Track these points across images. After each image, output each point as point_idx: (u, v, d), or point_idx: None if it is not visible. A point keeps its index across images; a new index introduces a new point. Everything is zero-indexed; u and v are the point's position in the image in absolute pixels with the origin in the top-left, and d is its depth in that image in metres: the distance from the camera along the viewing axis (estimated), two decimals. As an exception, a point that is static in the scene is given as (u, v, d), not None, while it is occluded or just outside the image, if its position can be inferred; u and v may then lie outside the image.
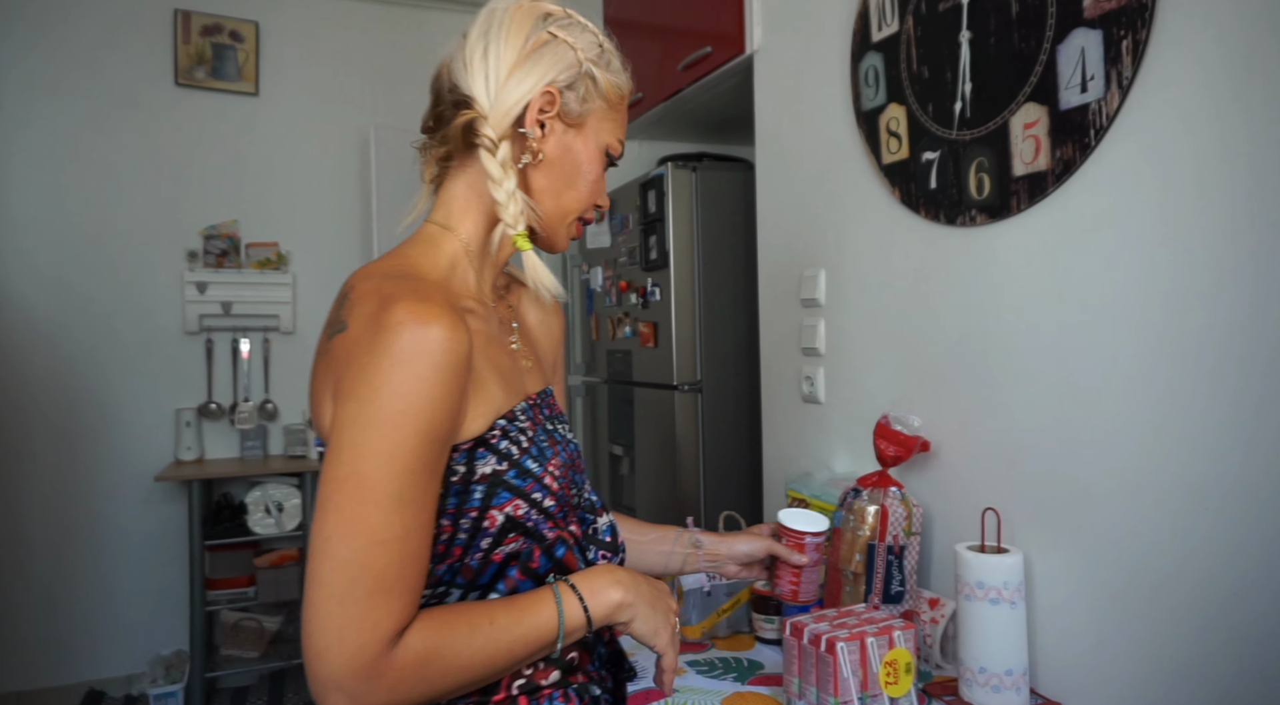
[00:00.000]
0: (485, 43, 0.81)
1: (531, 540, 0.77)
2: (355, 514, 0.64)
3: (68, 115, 3.08)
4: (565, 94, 0.81)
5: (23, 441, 3.05)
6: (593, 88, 0.83)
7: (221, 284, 3.24)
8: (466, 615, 0.70)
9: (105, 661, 3.13)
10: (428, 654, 0.66)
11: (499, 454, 0.75)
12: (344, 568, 0.63)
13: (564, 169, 0.83)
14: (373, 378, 0.65)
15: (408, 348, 0.66)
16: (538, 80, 0.79)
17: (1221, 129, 0.97)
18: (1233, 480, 0.96)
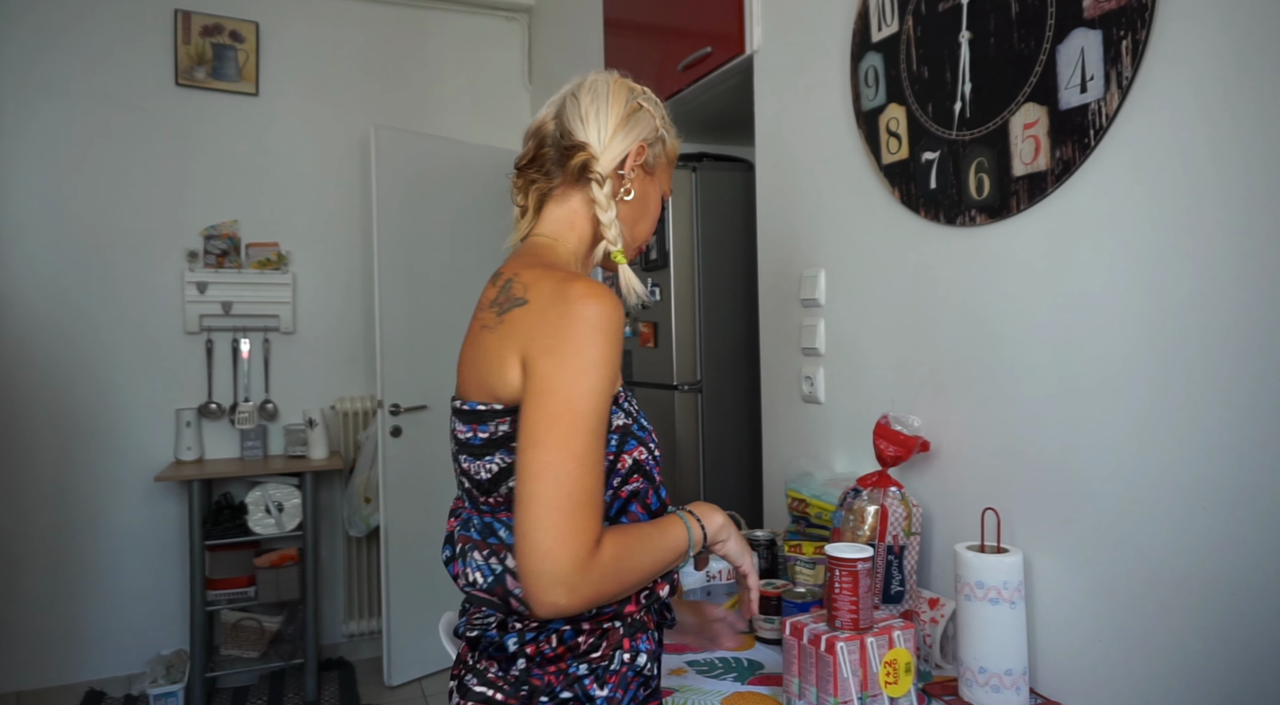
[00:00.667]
0: (595, 106, 1.01)
1: (648, 482, 0.94)
2: (570, 443, 0.80)
3: (68, 115, 3.08)
4: (648, 149, 1.04)
5: (23, 441, 3.05)
6: (663, 147, 1.07)
7: (222, 284, 3.24)
8: (637, 530, 0.89)
9: (105, 661, 3.13)
10: (618, 557, 0.84)
11: (624, 411, 0.94)
12: (561, 485, 0.79)
13: (641, 206, 1.06)
14: (572, 338, 0.83)
15: (595, 314, 0.84)
16: (636, 137, 1.02)
17: (1221, 128, 0.97)
18: (1232, 480, 0.96)
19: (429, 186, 3.25)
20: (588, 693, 0.90)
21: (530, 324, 0.85)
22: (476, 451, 0.90)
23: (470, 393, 0.91)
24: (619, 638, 0.93)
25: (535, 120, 1.07)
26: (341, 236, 3.45)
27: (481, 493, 0.91)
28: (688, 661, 1.33)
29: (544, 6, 3.56)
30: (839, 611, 1.10)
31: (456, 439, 0.94)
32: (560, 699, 0.90)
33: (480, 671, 0.94)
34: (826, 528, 1.51)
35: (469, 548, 0.93)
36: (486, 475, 0.90)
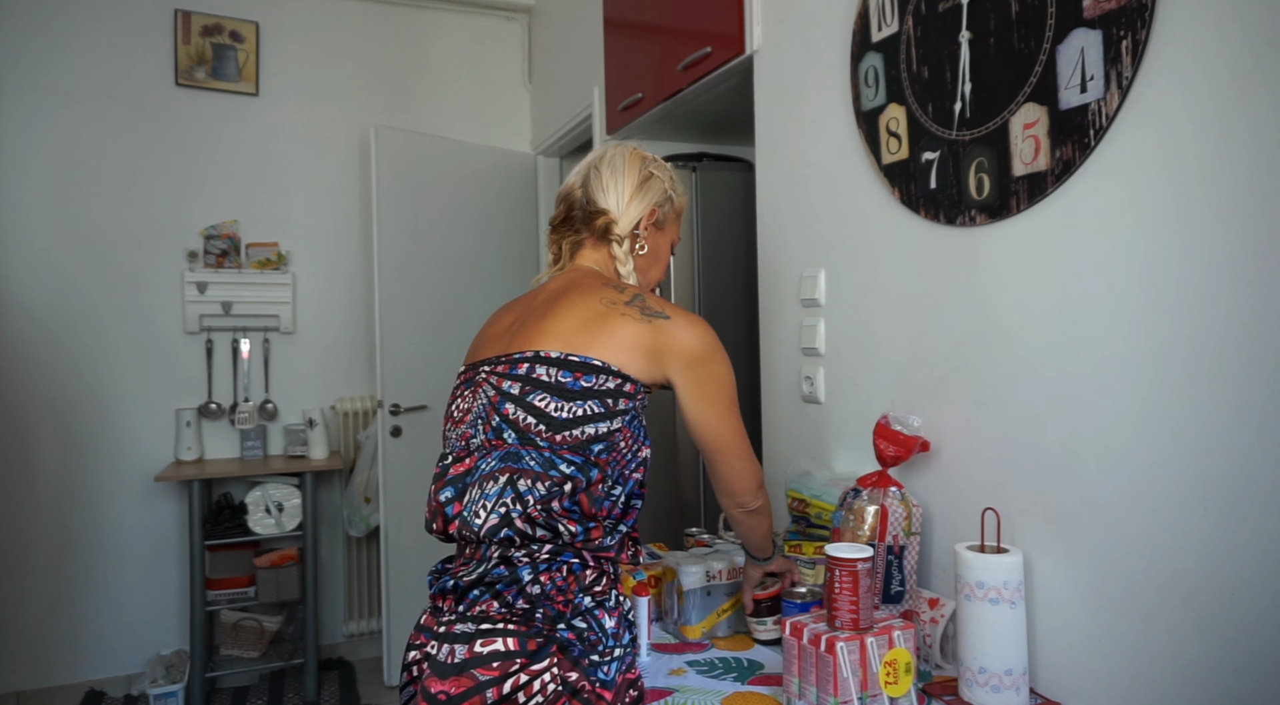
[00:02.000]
0: (615, 179, 1.26)
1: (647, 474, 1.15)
2: (738, 419, 1.18)
3: (68, 115, 3.08)
4: (659, 210, 1.28)
5: (23, 441, 3.05)
6: (671, 206, 1.31)
7: (221, 284, 3.24)
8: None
9: (105, 661, 3.13)
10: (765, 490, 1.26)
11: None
12: (744, 443, 1.20)
13: (653, 257, 1.30)
14: (719, 357, 1.16)
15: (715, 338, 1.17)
16: (649, 203, 1.27)
17: (1222, 129, 0.97)
18: (1233, 481, 0.96)
19: (429, 186, 3.25)
20: (599, 622, 1.03)
21: (681, 338, 1.12)
22: (568, 394, 1.05)
23: (579, 347, 1.08)
24: (614, 580, 1.07)
25: (564, 186, 1.30)
26: (341, 236, 3.45)
27: (552, 429, 1.04)
28: (688, 662, 1.33)
29: (544, 6, 3.56)
30: (839, 611, 1.10)
31: (533, 380, 1.07)
32: (575, 627, 1.02)
33: (477, 617, 1.02)
34: (826, 528, 1.51)
35: (514, 478, 1.03)
36: (568, 416, 1.04)
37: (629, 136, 2.85)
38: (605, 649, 1.03)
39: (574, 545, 1.04)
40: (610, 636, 1.04)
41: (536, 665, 0.97)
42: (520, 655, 0.97)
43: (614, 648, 1.04)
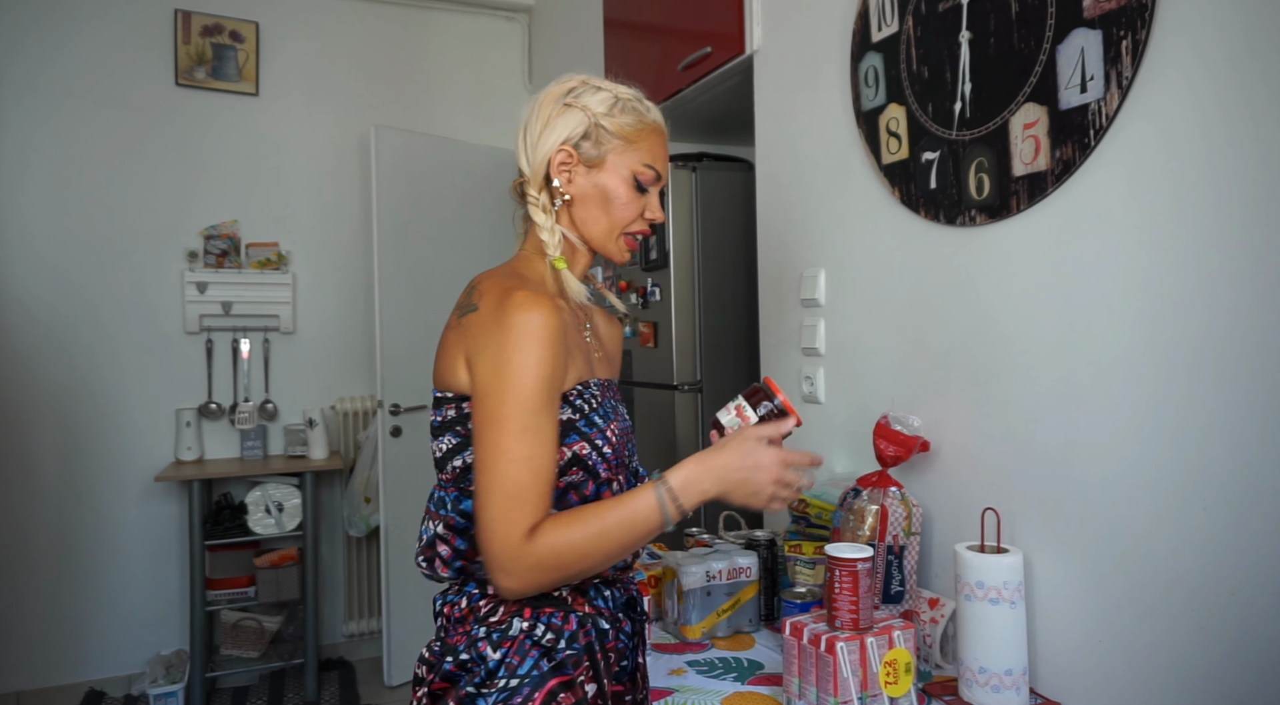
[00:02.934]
0: (525, 129, 1.08)
1: (588, 475, 0.99)
2: (500, 442, 0.90)
3: (68, 115, 3.08)
4: (581, 145, 1.06)
5: (24, 441, 3.05)
6: (605, 133, 1.06)
7: (221, 284, 3.24)
8: (581, 515, 0.93)
9: (105, 661, 3.13)
10: (559, 545, 0.91)
11: (574, 407, 1.00)
12: (493, 480, 0.90)
13: (597, 200, 1.07)
14: (504, 344, 0.92)
15: (525, 322, 0.92)
16: (554, 142, 1.05)
17: (1223, 128, 0.97)
18: (1233, 480, 0.96)
19: (429, 186, 3.25)
20: (481, 654, 0.96)
21: (477, 329, 0.96)
22: (436, 432, 1.02)
23: (437, 381, 1.03)
24: (520, 606, 0.99)
25: None
26: (341, 236, 3.45)
27: (437, 468, 1.03)
28: (688, 662, 1.33)
29: (544, 6, 3.55)
30: (839, 611, 1.10)
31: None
32: (460, 659, 0.97)
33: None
34: (826, 528, 1.51)
35: (426, 518, 1.04)
36: (439, 453, 1.01)
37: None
38: (484, 681, 0.94)
39: (475, 577, 1.00)
40: (491, 668, 0.95)
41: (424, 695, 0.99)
42: (422, 684, 1.00)
43: (499, 680, 0.94)
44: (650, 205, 1.09)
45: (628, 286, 2.57)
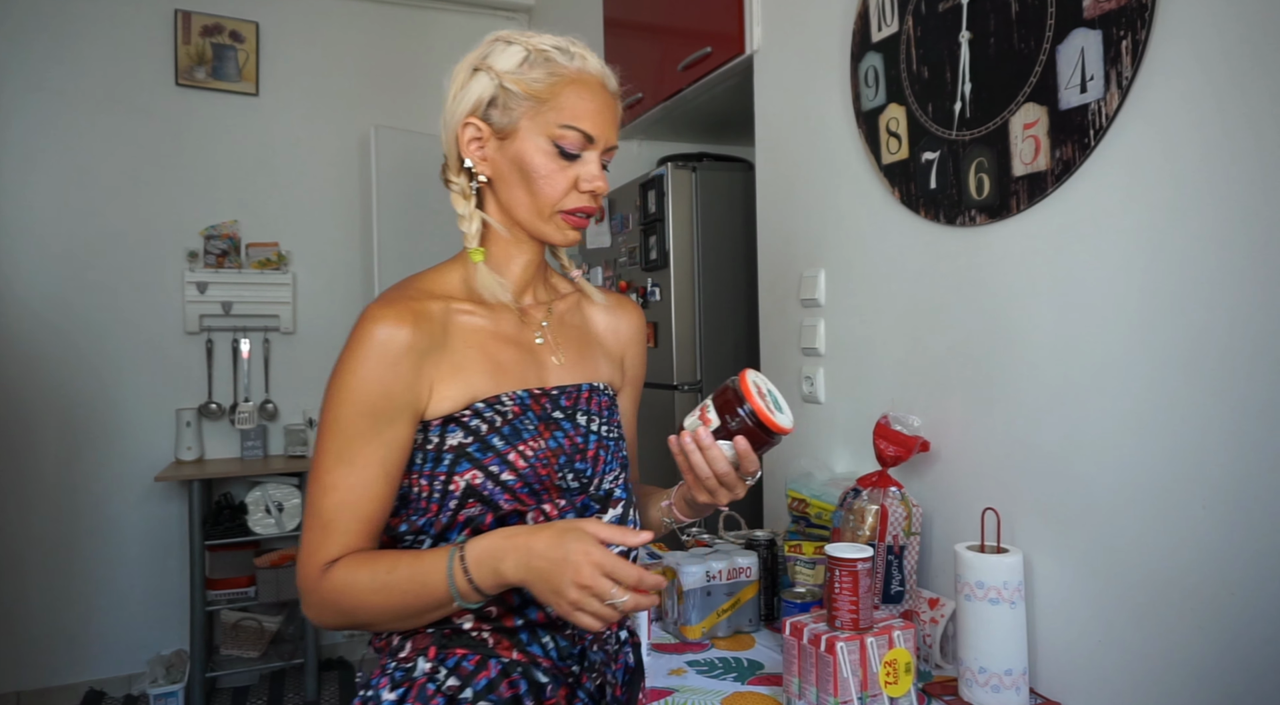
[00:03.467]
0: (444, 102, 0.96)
1: (486, 507, 0.88)
2: (316, 466, 0.86)
3: (68, 116, 3.08)
4: (489, 114, 0.92)
5: (24, 441, 3.05)
6: (513, 96, 0.91)
7: (222, 284, 3.24)
8: (375, 561, 0.84)
9: (105, 661, 3.13)
10: (343, 585, 0.83)
11: (467, 429, 0.89)
12: (309, 504, 0.86)
13: (518, 177, 0.92)
14: (336, 364, 0.87)
15: (356, 340, 0.86)
16: (459, 119, 0.93)
17: (1222, 129, 0.97)
18: (1232, 480, 0.96)
19: (429, 186, 3.24)
20: (377, 692, 0.88)
21: None
22: None
23: None
24: (426, 643, 0.89)
25: None
26: (341, 236, 3.45)
27: None
28: (688, 662, 1.33)
29: (544, 6, 3.56)
30: (839, 611, 1.10)
31: None
32: (365, 696, 0.90)
33: None
34: (826, 528, 1.51)
35: None
36: None
37: (629, 137, 2.85)
38: None
39: None
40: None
41: None
42: None
43: None
44: (584, 174, 0.92)
45: (628, 286, 2.57)
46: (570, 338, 1.02)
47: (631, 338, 1.11)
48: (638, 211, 2.51)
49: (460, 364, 0.90)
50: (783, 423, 0.90)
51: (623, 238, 2.62)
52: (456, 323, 0.92)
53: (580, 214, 0.93)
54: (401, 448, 0.87)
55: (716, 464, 0.90)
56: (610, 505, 0.97)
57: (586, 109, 0.91)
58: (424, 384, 0.87)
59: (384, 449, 0.86)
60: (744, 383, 0.90)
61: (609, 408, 1.01)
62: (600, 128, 0.92)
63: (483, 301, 0.94)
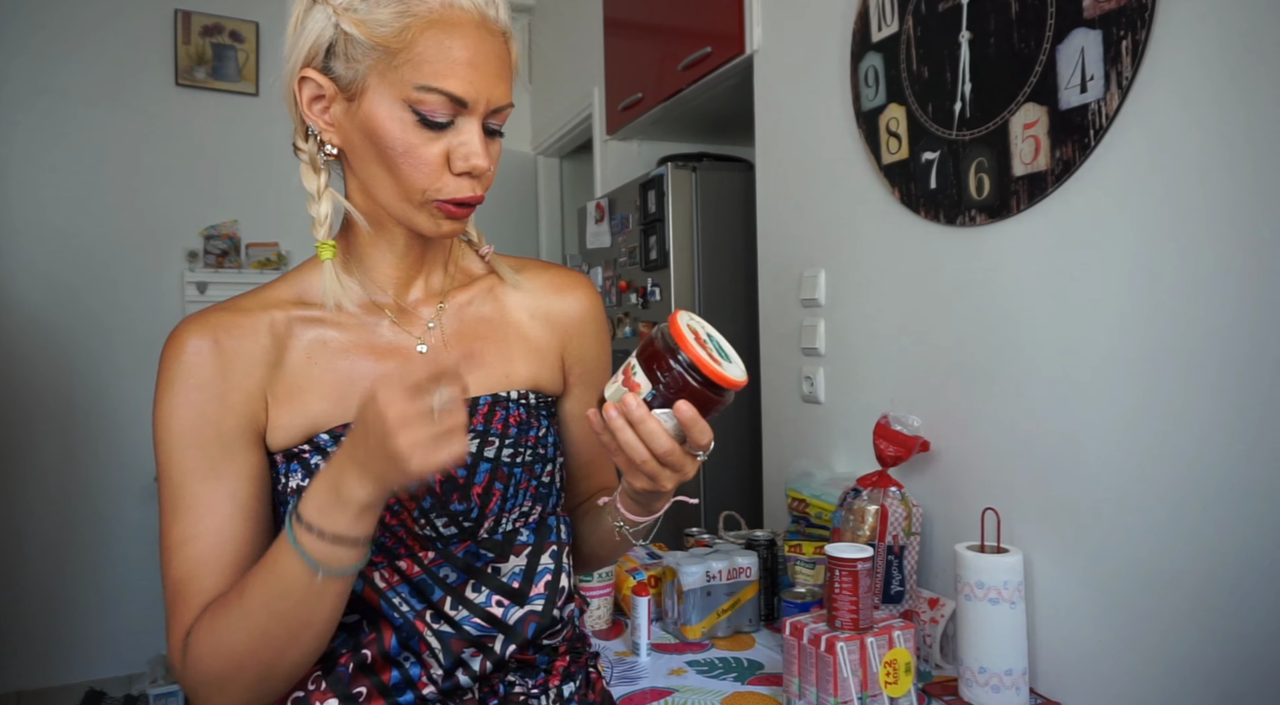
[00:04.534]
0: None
1: None
2: (161, 526, 0.71)
3: (68, 115, 3.08)
4: (330, 66, 0.69)
5: (23, 441, 3.05)
6: (356, 43, 0.67)
7: (222, 284, 3.24)
8: (225, 597, 0.66)
9: (105, 661, 3.13)
10: (205, 645, 0.66)
11: (307, 469, 0.72)
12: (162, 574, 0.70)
13: (372, 152, 0.70)
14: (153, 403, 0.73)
15: (161, 366, 0.75)
16: (293, 69, 0.70)
17: (1222, 129, 0.97)
18: (1233, 480, 0.96)
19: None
20: None
21: None
22: None
23: None
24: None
25: None
26: (341, 236, 3.45)
27: None
28: (688, 662, 1.33)
29: (544, 6, 3.55)
30: (839, 611, 1.10)
31: None
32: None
33: None
34: (826, 528, 1.51)
35: None
36: None
37: (629, 136, 2.85)
38: None
39: None
40: None
41: None
42: None
43: None
44: (458, 148, 0.70)
45: (628, 287, 2.57)
46: (473, 336, 0.81)
47: (575, 322, 0.87)
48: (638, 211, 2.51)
49: (299, 386, 0.73)
50: (733, 375, 0.66)
51: (622, 238, 2.63)
52: (299, 336, 0.74)
53: (456, 204, 0.71)
54: (254, 478, 0.71)
55: (655, 440, 0.65)
56: (512, 552, 0.78)
57: (454, 62, 0.67)
58: (257, 404, 0.72)
59: (231, 482, 0.70)
60: (675, 329, 0.67)
61: (523, 422, 0.79)
62: (476, 85, 0.69)
63: (337, 307, 0.75)
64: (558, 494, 0.84)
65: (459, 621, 0.75)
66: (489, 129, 0.73)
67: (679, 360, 0.66)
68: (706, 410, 0.67)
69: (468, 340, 0.80)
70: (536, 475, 0.80)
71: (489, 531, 0.77)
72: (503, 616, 0.77)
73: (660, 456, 0.66)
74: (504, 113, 0.74)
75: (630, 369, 0.68)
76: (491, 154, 0.73)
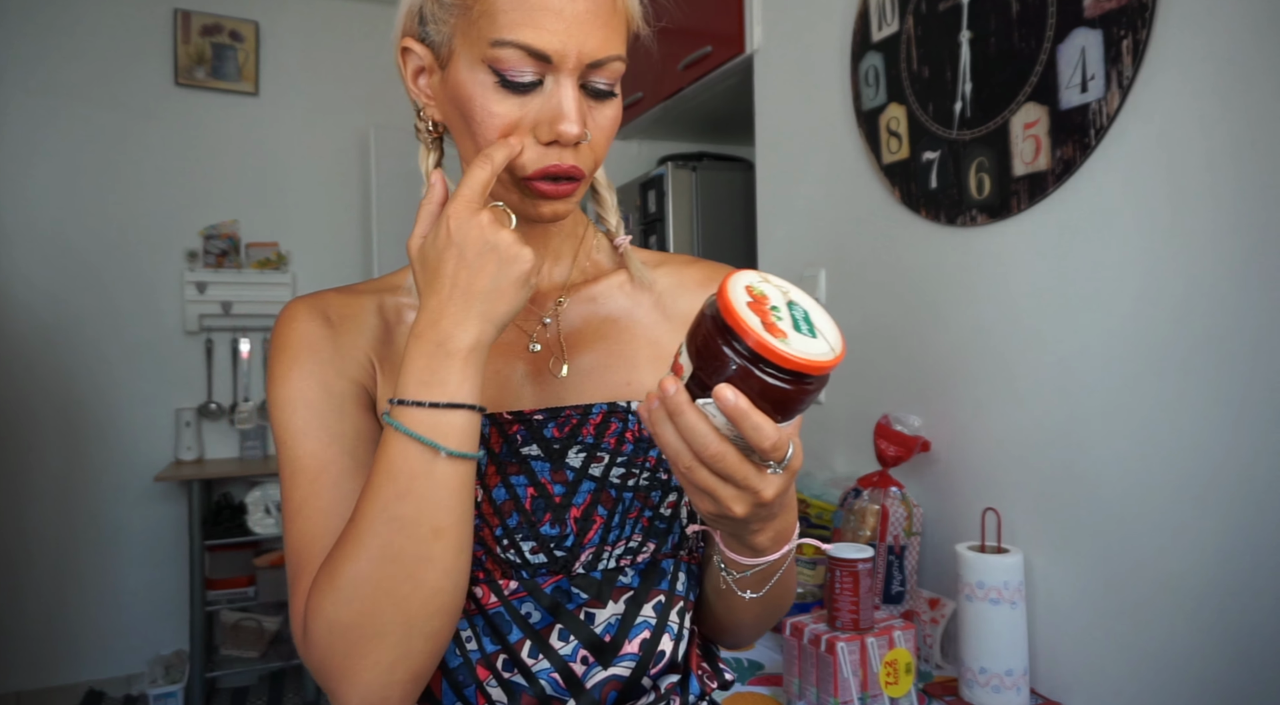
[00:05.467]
0: None
1: None
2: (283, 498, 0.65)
3: (67, 115, 3.08)
4: (425, 32, 0.64)
5: (23, 441, 3.04)
6: (438, 6, 0.62)
7: (221, 284, 3.24)
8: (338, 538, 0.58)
9: (105, 661, 3.13)
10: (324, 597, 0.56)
11: None
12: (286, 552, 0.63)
13: (461, 122, 0.63)
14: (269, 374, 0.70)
15: (271, 345, 0.71)
16: (395, 41, 0.67)
17: (1222, 128, 0.97)
18: (1233, 480, 0.96)
19: (429, 186, 3.25)
20: None
21: None
22: None
23: None
24: None
25: None
26: (341, 236, 3.45)
27: None
28: (688, 662, 1.33)
29: (544, 6, 3.55)
30: (839, 611, 1.10)
31: None
32: None
33: None
34: (827, 528, 1.51)
35: None
36: None
37: (629, 136, 2.85)
38: None
39: None
40: None
41: None
42: None
43: None
44: (545, 112, 0.60)
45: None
46: (594, 336, 0.71)
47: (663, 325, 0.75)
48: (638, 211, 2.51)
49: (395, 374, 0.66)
50: (801, 352, 0.47)
51: (623, 237, 2.62)
52: (408, 321, 0.70)
53: (548, 178, 0.61)
54: (371, 439, 0.65)
55: (697, 438, 0.49)
56: (611, 596, 0.65)
57: (531, 8, 0.58)
58: (366, 373, 0.68)
59: (345, 441, 0.64)
60: (725, 287, 0.49)
61: (642, 439, 0.67)
62: (561, 34, 0.58)
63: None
64: (680, 532, 0.68)
65: (536, 674, 0.62)
66: (593, 89, 0.62)
67: (717, 325, 0.48)
68: (778, 402, 0.48)
69: (586, 341, 0.71)
70: (653, 505, 0.66)
71: (586, 566, 0.65)
72: (582, 676, 0.63)
73: (708, 460, 0.50)
74: (609, 67, 0.61)
75: (680, 348, 0.52)
76: (598, 120, 0.63)
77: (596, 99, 0.62)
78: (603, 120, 0.63)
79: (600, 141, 0.63)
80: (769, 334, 0.47)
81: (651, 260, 0.77)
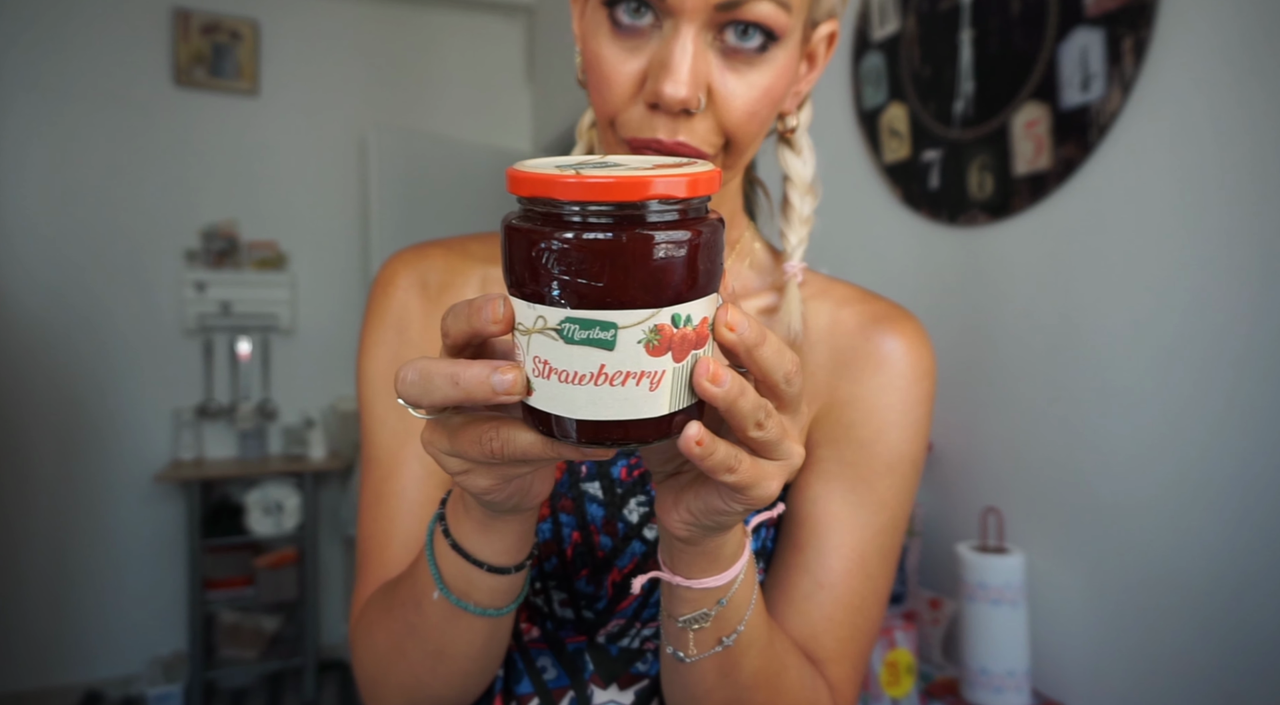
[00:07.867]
0: None
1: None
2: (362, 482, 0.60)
3: (66, 114, 3.07)
4: None
5: (22, 442, 3.04)
6: None
7: (221, 283, 3.24)
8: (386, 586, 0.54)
9: (104, 662, 3.12)
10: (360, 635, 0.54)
11: None
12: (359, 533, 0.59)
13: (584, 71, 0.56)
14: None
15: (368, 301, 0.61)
16: None
17: (1223, 127, 0.96)
18: (1234, 481, 0.96)
19: (428, 186, 3.25)
20: None
21: None
22: None
23: None
24: None
25: None
26: (341, 236, 3.45)
27: None
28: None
29: (544, 6, 3.55)
30: None
31: None
32: None
33: None
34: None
35: None
36: None
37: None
38: None
39: None
40: None
41: None
42: None
43: None
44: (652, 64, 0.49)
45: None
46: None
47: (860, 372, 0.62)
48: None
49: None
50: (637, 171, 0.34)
51: (622, 237, 2.62)
52: None
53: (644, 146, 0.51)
54: None
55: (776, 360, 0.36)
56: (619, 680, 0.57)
57: None
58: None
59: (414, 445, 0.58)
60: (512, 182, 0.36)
61: None
62: None
63: None
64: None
65: None
66: (729, 46, 0.49)
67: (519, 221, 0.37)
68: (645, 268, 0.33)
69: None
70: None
71: (609, 638, 0.57)
72: None
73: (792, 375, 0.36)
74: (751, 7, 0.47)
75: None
76: (732, 87, 0.49)
77: (735, 58, 0.49)
78: (740, 88, 0.49)
79: (736, 117, 0.50)
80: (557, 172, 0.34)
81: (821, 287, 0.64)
